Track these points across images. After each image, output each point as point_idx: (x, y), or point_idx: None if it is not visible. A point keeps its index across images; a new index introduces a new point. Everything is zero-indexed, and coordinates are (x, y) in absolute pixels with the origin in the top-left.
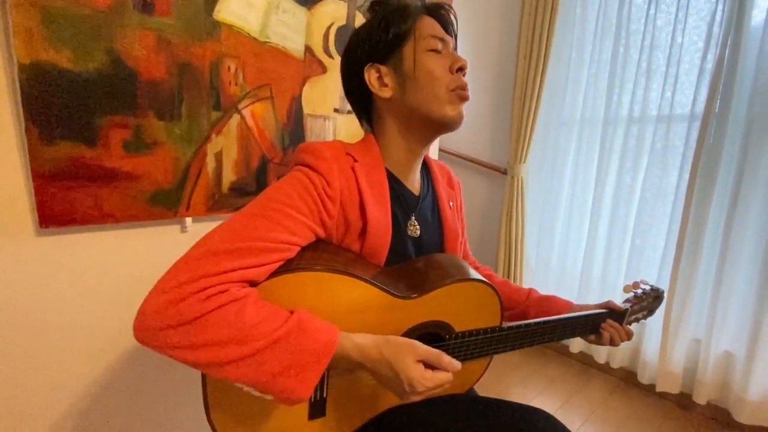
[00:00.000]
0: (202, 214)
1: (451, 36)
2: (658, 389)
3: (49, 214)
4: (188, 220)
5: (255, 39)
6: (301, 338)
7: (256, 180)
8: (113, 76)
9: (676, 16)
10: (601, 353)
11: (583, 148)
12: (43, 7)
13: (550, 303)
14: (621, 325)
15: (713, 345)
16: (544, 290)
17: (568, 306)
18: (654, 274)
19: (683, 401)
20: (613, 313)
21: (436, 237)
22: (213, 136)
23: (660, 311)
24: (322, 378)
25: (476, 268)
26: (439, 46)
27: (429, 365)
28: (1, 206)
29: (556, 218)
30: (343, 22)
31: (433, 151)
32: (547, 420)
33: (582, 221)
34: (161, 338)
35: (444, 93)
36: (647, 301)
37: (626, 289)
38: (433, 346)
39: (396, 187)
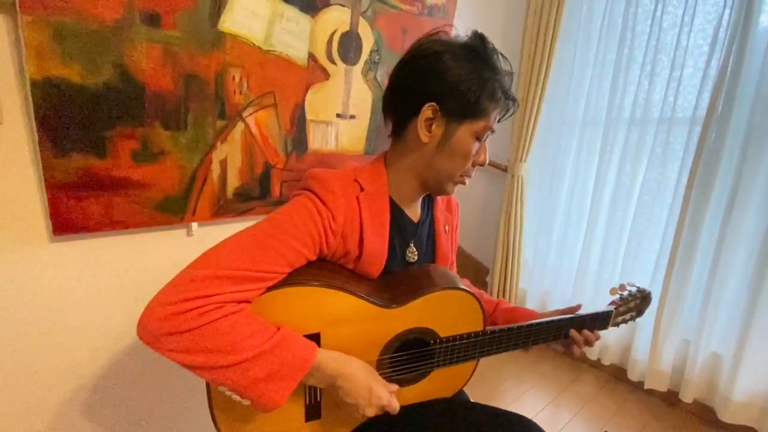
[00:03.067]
0: (208, 219)
1: None
2: (647, 386)
3: (62, 222)
4: (194, 224)
5: (259, 48)
6: (284, 352)
7: (259, 185)
8: (121, 89)
9: (683, 18)
10: (592, 349)
11: (584, 148)
12: (54, 23)
13: (515, 313)
14: (607, 327)
15: (702, 346)
16: (540, 288)
17: (534, 315)
18: (648, 275)
19: (670, 399)
20: (598, 316)
21: (428, 259)
22: (218, 144)
23: (651, 311)
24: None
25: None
26: (485, 136)
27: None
28: (17, 215)
29: (554, 218)
30: (347, 29)
31: None
32: (524, 424)
33: (580, 221)
34: (160, 342)
35: (457, 175)
36: (634, 302)
37: (612, 292)
38: (419, 351)
39: (397, 215)
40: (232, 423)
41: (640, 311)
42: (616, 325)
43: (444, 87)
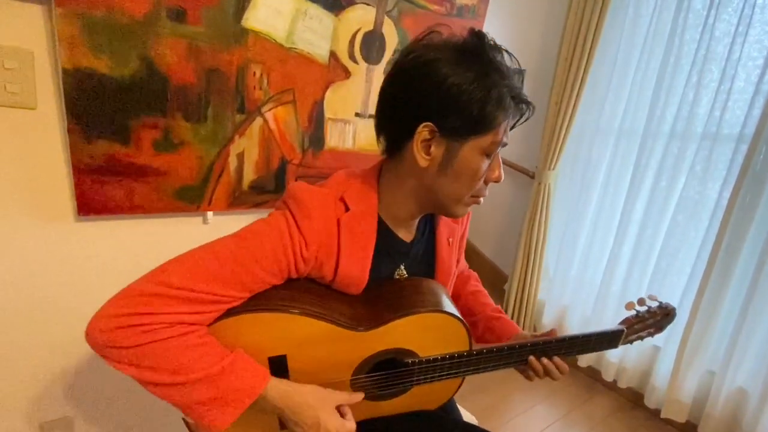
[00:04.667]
0: (223, 209)
1: None
2: (663, 415)
3: (87, 203)
4: (210, 213)
5: (281, 45)
6: (231, 378)
7: (274, 179)
8: (146, 81)
9: (737, 27)
10: (609, 370)
11: (618, 160)
12: (85, 16)
13: (497, 322)
14: (617, 346)
15: (728, 379)
16: (559, 302)
17: (514, 329)
18: (676, 299)
19: (688, 431)
20: (608, 334)
21: (424, 275)
22: (236, 137)
23: (676, 337)
24: None
25: (461, 275)
26: (496, 151)
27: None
28: (46, 195)
29: (580, 230)
30: (371, 28)
31: None
32: None
33: (607, 236)
34: (104, 352)
35: (467, 197)
36: (653, 319)
37: (628, 307)
38: (396, 371)
39: (386, 236)
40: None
41: (660, 328)
42: (630, 342)
43: (441, 102)
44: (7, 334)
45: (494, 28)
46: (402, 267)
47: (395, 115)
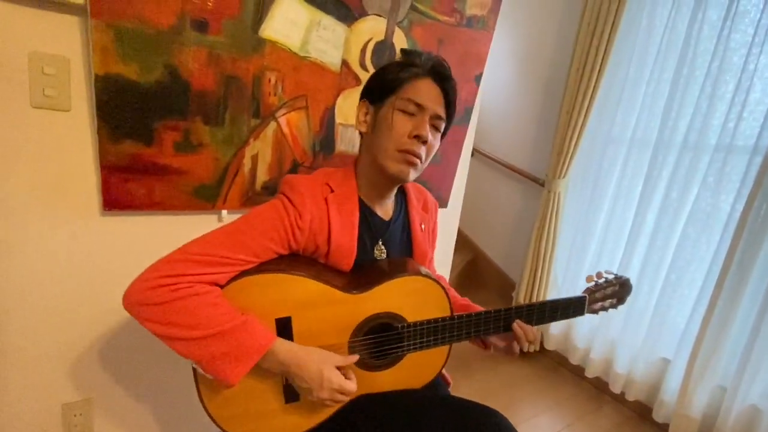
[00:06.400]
0: (237, 208)
1: (443, 107)
2: (672, 430)
3: (112, 199)
4: (224, 212)
5: (295, 54)
6: (243, 336)
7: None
8: (170, 87)
9: (753, 38)
10: (617, 381)
11: (629, 170)
12: (117, 27)
13: (470, 309)
14: (583, 313)
15: (740, 396)
16: None
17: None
18: (686, 312)
19: None
20: (572, 300)
21: (403, 255)
22: (251, 140)
23: (686, 350)
24: None
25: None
26: (412, 109)
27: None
28: (76, 190)
29: (589, 240)
30: (382, 38)
31: (466, 152)
32: (494, 420)
33: (616, 247)
34: (138, 310)
35: (392, 150)
36: (611, 288)
37: (588, 279)
38: (388, 334)
39: (367, 214)
40: (217, 401)
41: (620, 298)
42: (594, 312)
43: (370, 83)
44: (35, 318)
45: (508, 38)
46: (380, 243)
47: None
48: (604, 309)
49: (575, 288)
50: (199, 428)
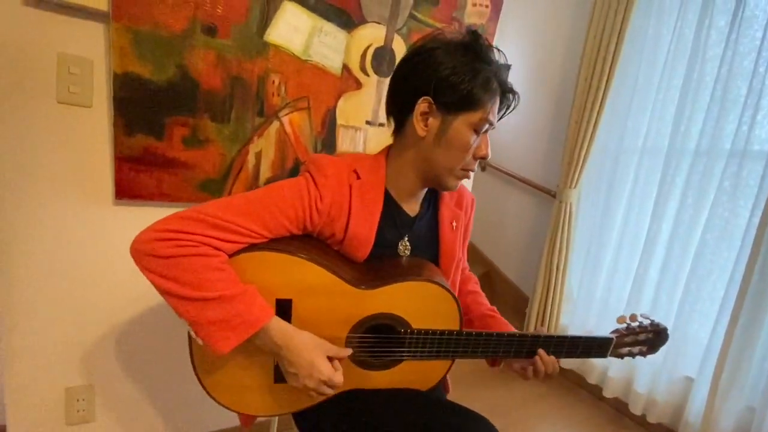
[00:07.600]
0: None
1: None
2: None
3: (124, 189)
4: None
5: (298, 57)
6: (241, 306)
7: (288, 178)
8: (180, 86)
9: (762, 41)
10: (637, 402)
11: (642, 178)
12: (134, 30)
13: (491, 320)
14: (606, 355)
15: None
16: (583, 326)
17: (508, 328)
18: (708, 326)
19: None
20: (596, 340)
21: (429, 255)
22: (255, 138)
23: (710, 368)
24: None
25: (463, 272)
26: (485, 128)
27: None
28: (92, 179)
29: (604, 251)
30: (381, 44)
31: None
32: (482, 426)
33: (632, 257)
34: (141, 260)
35: (457, 169)
36: (645, 335)
37: (620, 320)
38: (389, 336)
39: (392, 207)
40: (206, 367)
41: (652, 346)
42: (619, 356)
43: (437, 80)
44: (44, 302)
45: (516, 49)
46: (406, 239)
47: (400, 93)
48: (632, 355)
49: (590, 302)
50: (198, 419)
